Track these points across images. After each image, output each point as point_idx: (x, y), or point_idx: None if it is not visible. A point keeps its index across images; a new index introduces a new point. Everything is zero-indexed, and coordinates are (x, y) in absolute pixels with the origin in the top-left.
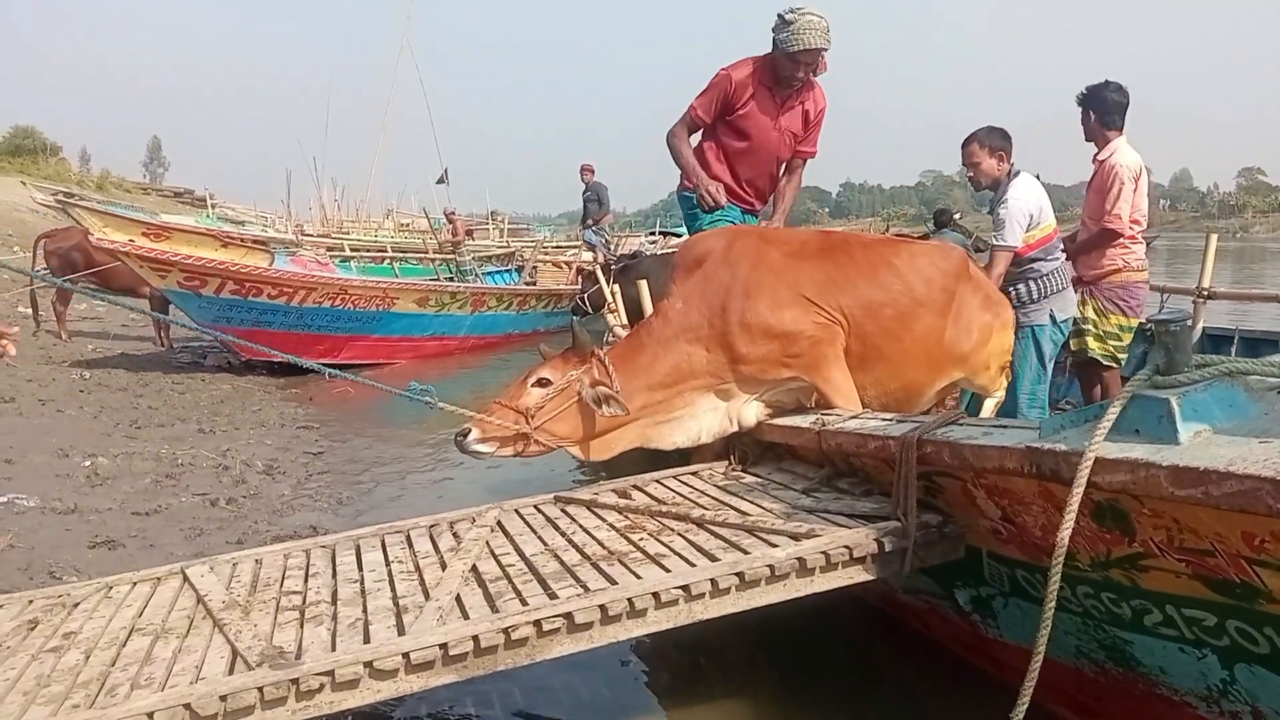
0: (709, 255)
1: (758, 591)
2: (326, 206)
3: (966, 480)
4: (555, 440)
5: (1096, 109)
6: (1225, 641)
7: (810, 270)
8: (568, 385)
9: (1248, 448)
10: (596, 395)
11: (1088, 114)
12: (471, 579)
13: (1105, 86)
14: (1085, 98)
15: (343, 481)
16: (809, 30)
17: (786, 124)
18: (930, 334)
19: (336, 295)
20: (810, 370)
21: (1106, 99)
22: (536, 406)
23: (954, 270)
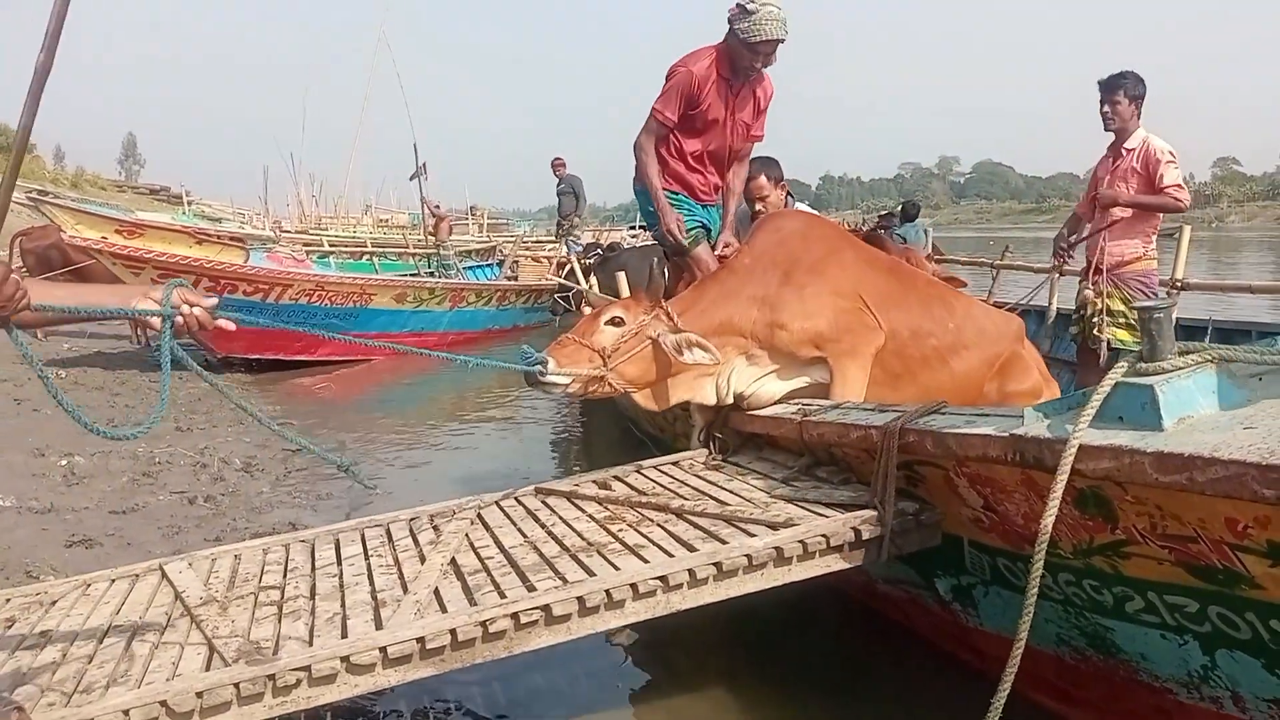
0: (792, 229)
1: (735, 581)
2: (304, 203)
3: (949, 469)
4: (623, 383)
5: (1134, 95)
6: (1207, 628)
7: (875, 278)
8: (640, 329)
9: (1232, 433)
10: (681, 341)
11: (1124, 99)
12: (450, 572)
13: (1139, 77)
14: (1121, 83)
15: (321, 477)
16: (769, 21)
17: (741, 115)
18: (969, 378)
19: (312, 291)
20: (836, 359)
21: (1145, 90)
22: (612, 347)
23: (1009, 333)
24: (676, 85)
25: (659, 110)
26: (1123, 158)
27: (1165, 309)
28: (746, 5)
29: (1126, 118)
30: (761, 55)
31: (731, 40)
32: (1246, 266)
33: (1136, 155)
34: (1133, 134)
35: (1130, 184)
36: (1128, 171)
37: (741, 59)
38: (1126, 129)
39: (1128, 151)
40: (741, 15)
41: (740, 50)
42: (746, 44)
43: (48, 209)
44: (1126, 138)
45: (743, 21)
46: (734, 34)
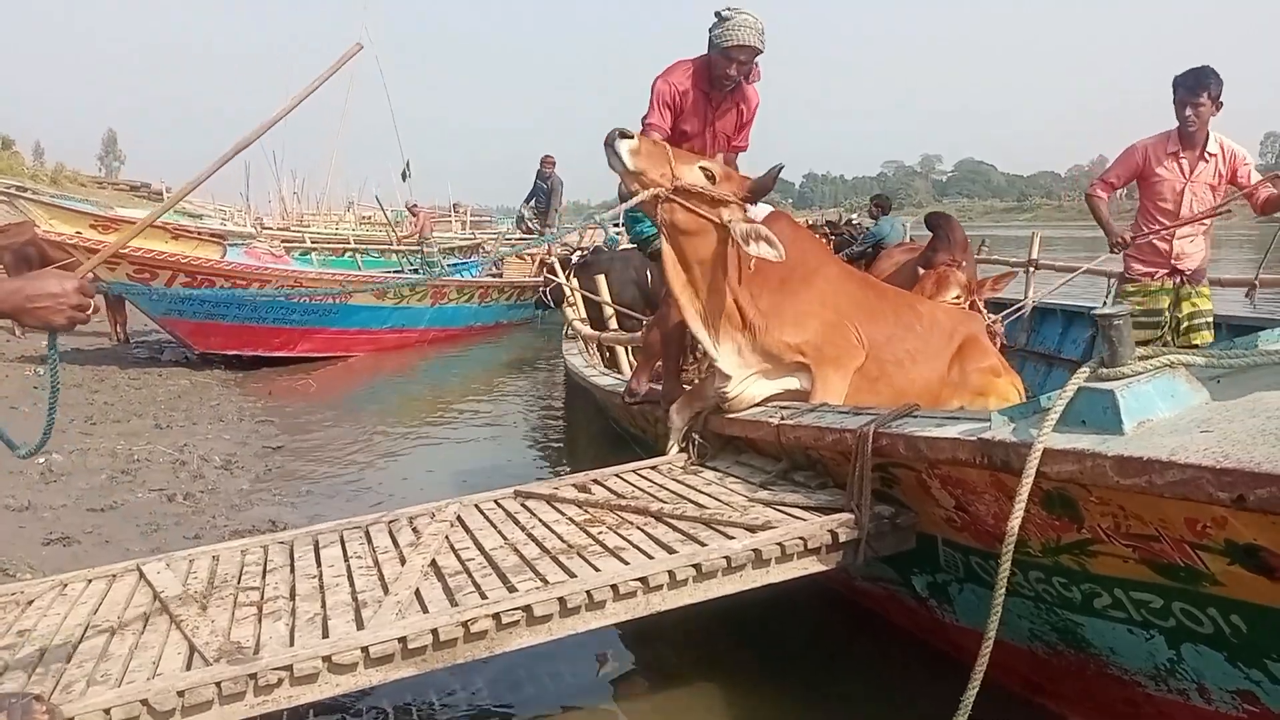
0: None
1: (714, 583)
2: (286, 199)
3: (921, 471)
4: (670, 225)
5: (1217, 96)
6: (1171, 623)
7: (855, 292)
8: (719, 199)
9: (1189, 437)
10: (750, 231)
11: (1207, 101)
12: (431, 573)
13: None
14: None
15: (302, 475)
16: (743, 27)
17: (721, 127)
18: (936, 371)
19: (291, 287)
20: (820, 366)
21: (1221, 84)
22: (686, 185)
23: (967, 324)
24: (659, 97)
25: (652, 124)
26: (1205, 164)
27: (1124, 315)
28: (722, 12)
29: (1206, 119)
30: (735, 63)
31: (710, 50)
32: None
33: (1223, 160)
34: (1208, 135)
35: (1216, 192)
36: (1214, 177)
37: (717, 67)
38: (1202, 131)
39: (1211, 157)
40: (717, 23)
41: (716, 59)
42: (721, 50)
43: (22, 204)
44: (1204, 141)
45: (717, 28)
46: (710, 42)
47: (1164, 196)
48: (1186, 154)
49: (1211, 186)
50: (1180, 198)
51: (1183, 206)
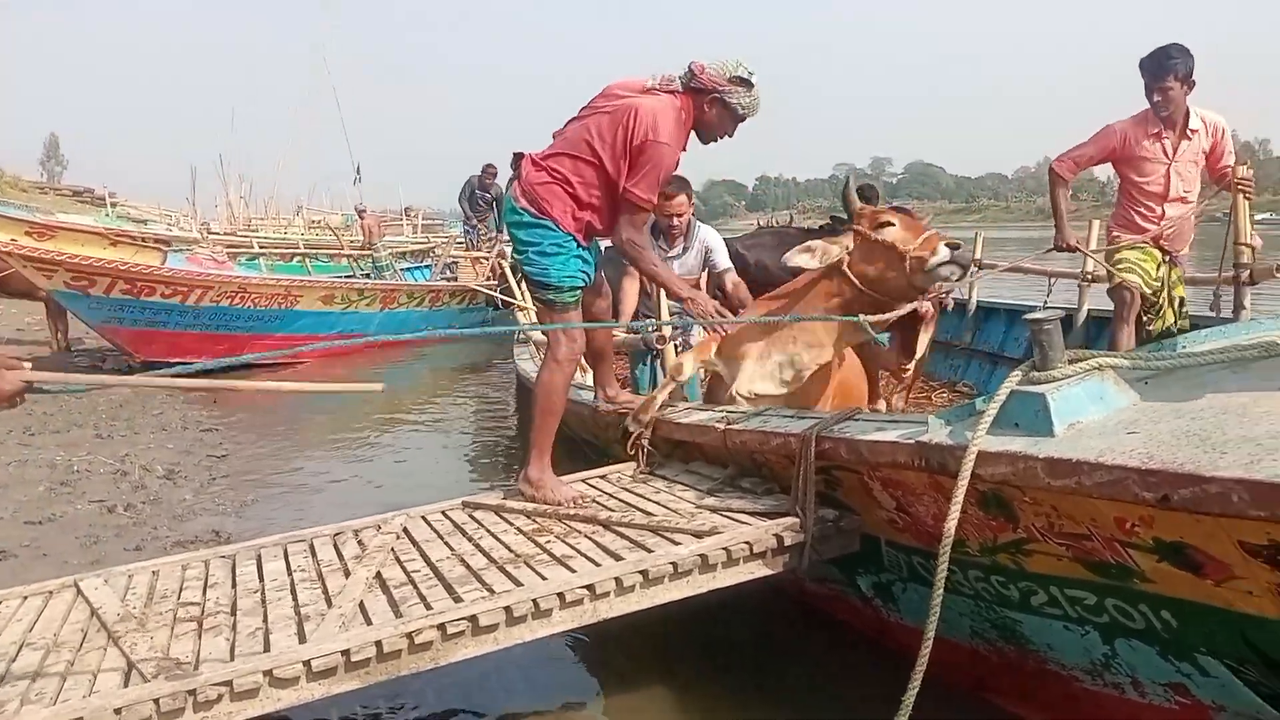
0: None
1: (661, 588)
2: (234, 204)
3: (863, 473)
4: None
5: (1184, 75)
6: (1105, 619)
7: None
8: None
9: (1117, 439)
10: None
11: (1175, 83)
12: (376, 585)
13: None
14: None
15: (247, 485)
16: (760, 99)
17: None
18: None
19: (235, 294)
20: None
21: (1194, 64)
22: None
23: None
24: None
25: (646, 198)
26: (1189, 141)
27: (1054, 320)
28: (749, 78)
29: (1182, 101)
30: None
31: (714, 106)
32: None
33: (1204, 135)
34: (1188, 112)
35: (1200, 167)
36: (1197, 154)
37: (720, 127)
38: (1180, 111)
39: (1193, 133)
40: (742, 87)
41: (724, 119)
42: (738, 117)
43: None
44: (1185, 119)
45: (745, 96)
46: (723, 101)
47: (1148, 177)
48: (1168, 133)
49: (1195, 163)
50: (1167, 178)
51: (1170, 187)
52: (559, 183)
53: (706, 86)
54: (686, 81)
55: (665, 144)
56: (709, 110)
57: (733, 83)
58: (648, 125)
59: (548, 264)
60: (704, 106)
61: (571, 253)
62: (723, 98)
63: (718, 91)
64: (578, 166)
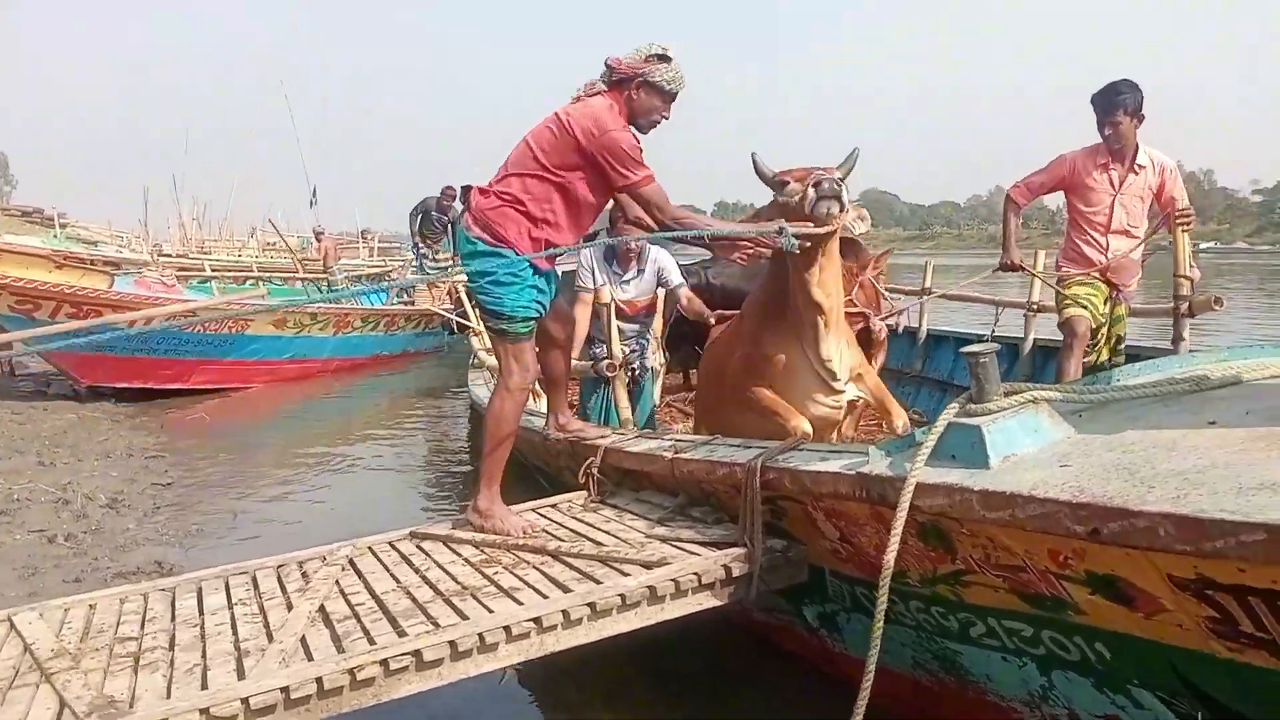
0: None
1: (609, 621)
2: (187, 225)
3: (807, 504)
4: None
5: (1134, 110)
6: (1041, 650)
7: None
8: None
9: (1050, 471)
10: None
11: (1129, 118)
12: (318, 619)
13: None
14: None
15: (193, 514)
16: (682, 70)
17: None
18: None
19: (183, 318)
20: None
21: (1142, 98)
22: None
23: None
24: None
25: (647, 174)
26: (1136, 176)
27: (990, 353)
28: (665, 53)
29: (1131, 135)
30: (671, 106)
31: (644, 90)
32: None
33: (1153, 174)
34: (1138, 149)
35: (1147, 203)
36: (1144, 190)
37: (653, 111)
38: (1130, 145)
39: (1141, 169)
40: (660, 62)
41: (654, 102)
42: (666, 93)
43: None
44: (1134, 154)
45: (667, 71)
46: (646, 82)
47: (1094, 207)
48: (1116, 166)
49: (1141, 199)
50: (1111, 209)
51: (1113, 219)
52: (510, 204)
53: (628, 74)
54: (608, 79)
55: (614, 130)
56: (637, 96)
57: (650, 61)
58: (591, 125)
59: (501, 293)
60: (631, 95)
61: (526, 282)
62: (646, 78)
63: (639, 75)
64: (526, 184)
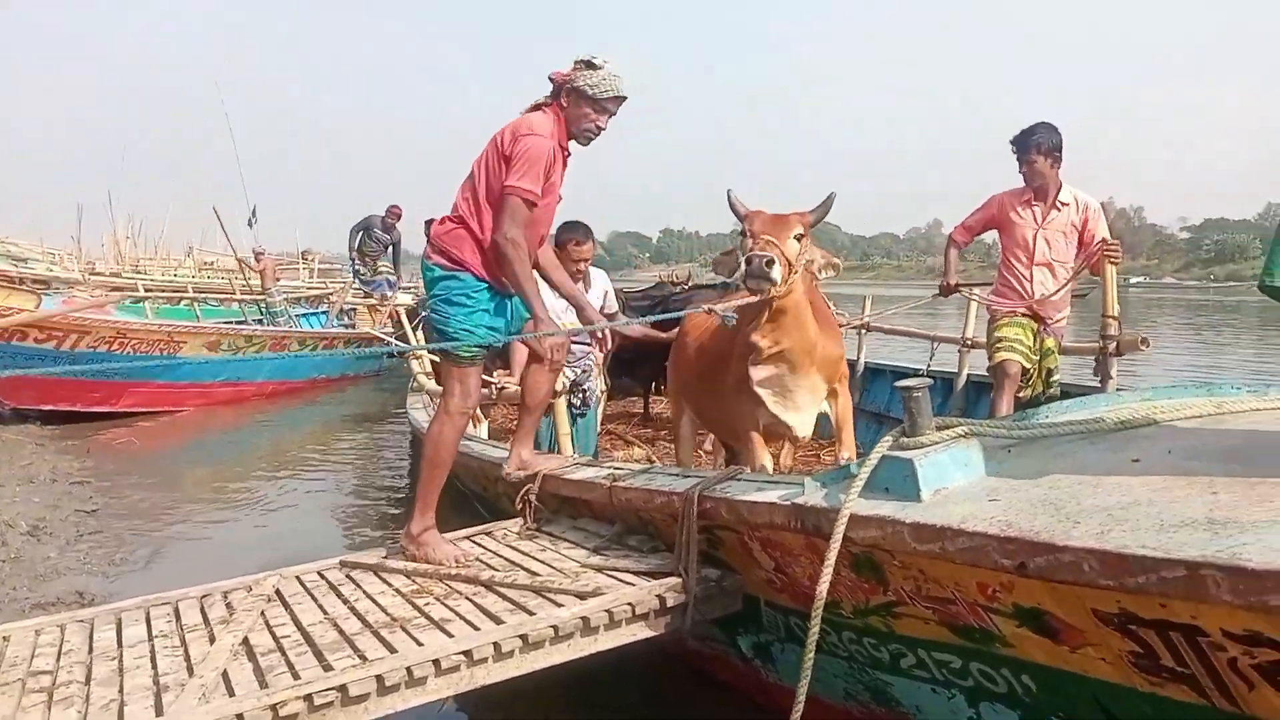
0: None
1: (542, 653)
2: (121, 243)
3: (743, 534)
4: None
5: (1054, 151)
6: (970, 682)
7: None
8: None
9: (979, 505)
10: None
11: (1043, 157)
12: (242, 652)
13: (1052, 127)
14: (1032, 141)
15: (118, 542)
16: (617, 76)
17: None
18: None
19: (113, 339)
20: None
21: (1060, 140)
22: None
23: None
24: (539, 157)
25: (527, 189)
26: (1057, 212)
27: (923, 388)
28: (593, 60)
29: (1048, 173)
30: (610, 114)
31: (578, 101)
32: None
33: (1076, 211)
34: (1060, 188)
35: (1070, 239)
36: (1067, 227)
37: (587, 121)
38: (1050, 183)
39: (1063, 206)
40: (588, 70)
41: (589, 112)
42: (600, 102)
43: None
44: (1055, 192)
45: (593, 76)
46: (573, 89)
47: (1019, 241)
48: (1038, 203)
49: (1063, 234)
50: (1033, 243)
51: (1035, 251)
52: (462, 226)
53: (558, 82)
54: (550, 95)
55: (534, 134)
56: (568, 104)
57: (578, 68)
58: (512, 130)
59: (449, 313)
60: (563, 104)
61: (479, 306)
62: (572, 84)
63: (567, 82)
64: (471, 206)
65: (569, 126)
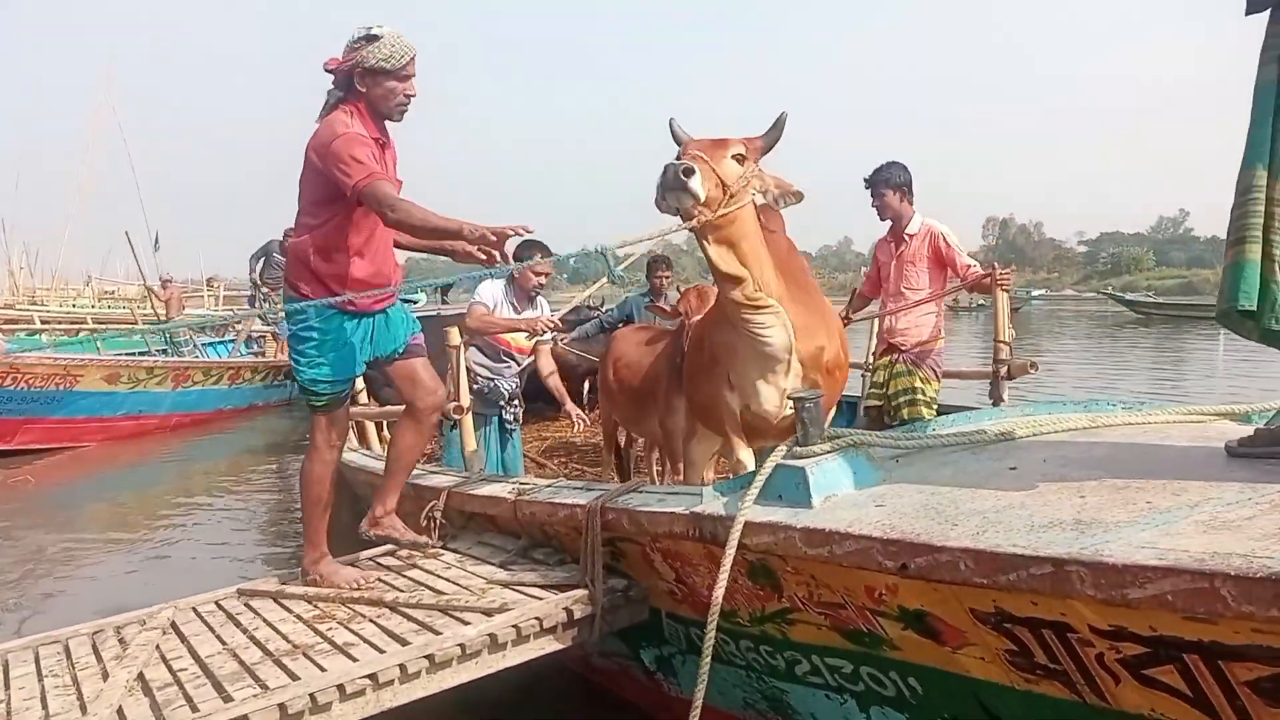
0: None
1: (449, 672)
2: (16, 274)
3: (645, 545)
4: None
5: (898, 185)
6: (861, 687)
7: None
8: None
9: (866, 510)
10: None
11: (892, 191)
12: (137, 688)
13: (901, 166)
14: (883, 177)
15: (10, 585)
16: (402, 35)
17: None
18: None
19: (4, 375)
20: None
21: (909, 177)
22: (734, 188)
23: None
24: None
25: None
26: (906, 244)
27: (815, 399)
28: (372, 31)
29: (897, 207)
30: (411, 80)
31: (367, 81)
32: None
33: (921, 240)
34: (910, 219)
35: (919, 268)
36: (915, 256)
37: (392, 98)
38: (902, 217)
39: (910, 237)
40: (371, 43)
41: (389, 88)
42: (391, 71)
43: None
44: (905, 224)
45: (381, 49)
46: (366, 69)
47: (883, 276)
48: (892, 237)
49: (913, 263)
50: (889, 274)
51: (891, 282)
52: (295, 254)
53: (344, 70)
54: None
55: (333, 139)
56: (363, 87)
57: (357, 48)
58: (318, 143)
59: (299, 354)
60: (358, 89)
61: (330, 336)
62: (362, 65)
63: (354, 66)
64: (302, 228)
65: (378, 107)
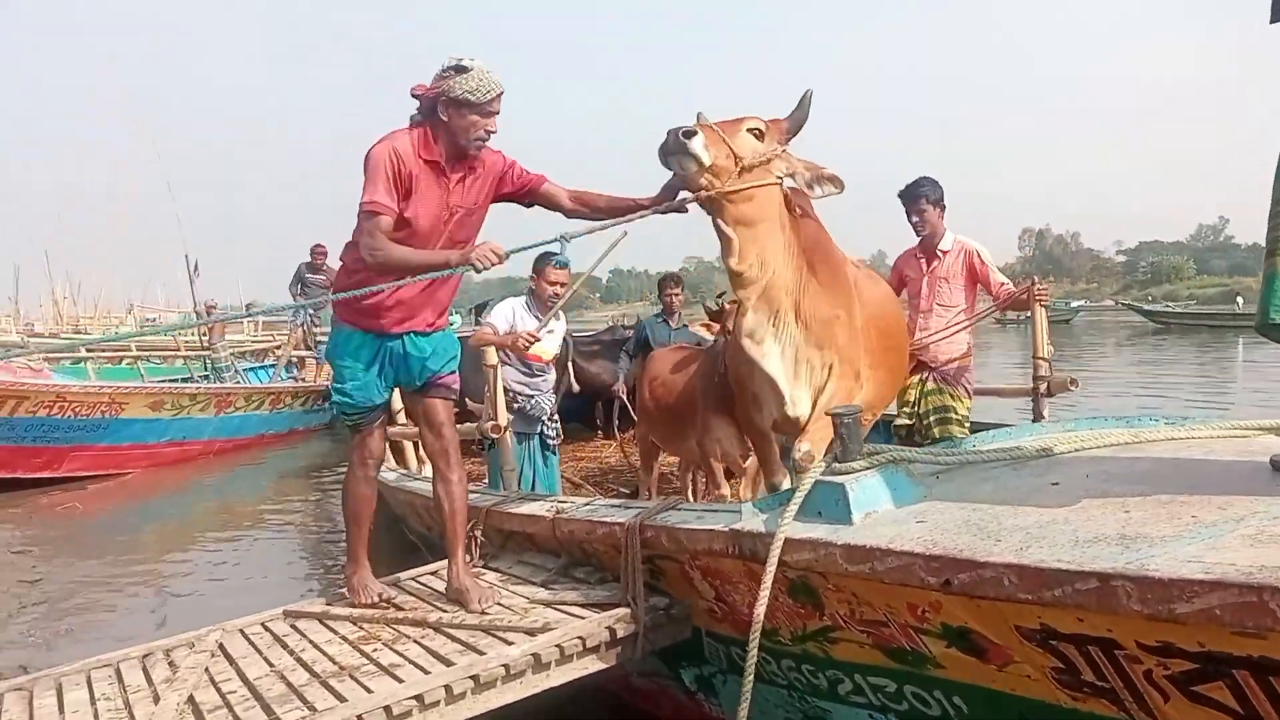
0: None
1: (494, 692)
2: (59, 303)
3: (684, 562)
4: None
5: (935, 200)
6: (905, 706)
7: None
8: (773, 156)
9: (907, 527)
10: (812, 175)
11: (928, 206)
12: (188, 711)
13: (934, 181)
14: (920, 192)
15: (62, 612)
16: (491, 71)
17: (462, 201)
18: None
19: (52, 403)
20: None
21: (942, 192)
22: (748, 162)
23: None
24: (384, 168)
25: (368, 200)
26: (940, 260)
27: (853, 414)
28: (462, 63)
29: (935, 223)
30: (494, 116)
31: (449, 109)
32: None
33: (955, 256)
34: (943, 236)
35: (952, 285)
36: (949, 272)
37: (471, 131)
38: (936, 233)
39: (944, 253)
40: (459, 75)
41: (468, 120)
42: (475, 105)
43: None
44: (938, 240)
45: (467, 82)
46: (450, 99)
47: (912, 293)
48: (923, 253)
49: (947, 280)
50: (921, 290)
51: (923, 299)
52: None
53: (430, 96)
54: (419, 112)
55: (374, 147)
56: (445, 115)
57: (446, 76)
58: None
59: (336, 375)
60: (441, 117)
61: (354, 359)
62: (448, 94)
63: (440, 94)
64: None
65: (456, 137)
